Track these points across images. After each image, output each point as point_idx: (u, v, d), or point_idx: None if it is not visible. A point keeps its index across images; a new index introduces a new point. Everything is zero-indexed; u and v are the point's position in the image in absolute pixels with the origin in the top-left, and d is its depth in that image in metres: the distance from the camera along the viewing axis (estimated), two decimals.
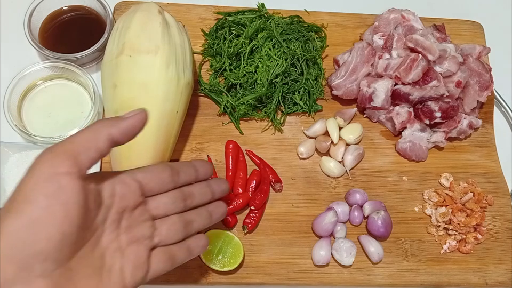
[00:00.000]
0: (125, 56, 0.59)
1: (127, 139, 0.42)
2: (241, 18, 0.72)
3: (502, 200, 0.70)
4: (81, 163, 0.38)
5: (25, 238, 0.35)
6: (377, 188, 0.69)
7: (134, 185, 0.44)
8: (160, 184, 0.46)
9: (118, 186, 0.43)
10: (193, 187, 0.50)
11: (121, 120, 0.41)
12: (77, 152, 0.38)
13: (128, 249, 0.44)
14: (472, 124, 0.71)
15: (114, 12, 0.73)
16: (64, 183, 0.36)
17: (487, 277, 0.66)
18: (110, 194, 0.42)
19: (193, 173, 0.50)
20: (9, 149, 0.64)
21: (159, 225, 0.47)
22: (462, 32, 0.80)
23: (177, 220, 0.48)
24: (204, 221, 0.51)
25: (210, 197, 0.52)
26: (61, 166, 0.37)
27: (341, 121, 0.70)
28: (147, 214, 0.46)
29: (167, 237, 0.47)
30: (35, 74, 0.67)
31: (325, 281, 0.64)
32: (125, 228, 0.44)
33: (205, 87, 0.71)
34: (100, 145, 0.39)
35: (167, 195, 0.47)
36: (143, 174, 0.45)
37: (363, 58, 0.72)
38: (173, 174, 0.47)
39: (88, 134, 0.40)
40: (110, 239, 0.42)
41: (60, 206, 0.36)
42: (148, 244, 0.45)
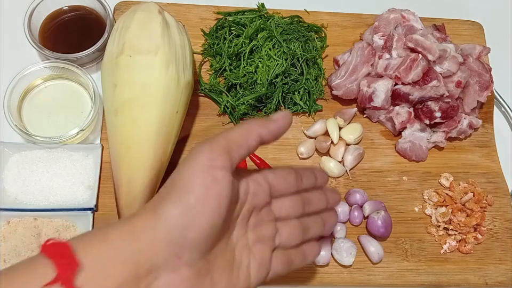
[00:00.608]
0: (125, 56, 0.59)
1: (273, 139, 0.43)
2: (241, 18, 0.72)
3: (502, 200, 0.70)
4: (233, 159, 0.39)
5: (181, 225, 0.36)
6: (377, 188, 0.69)
7: (265, 185, 0.45)
8: (286, 187, 0.47)
9: (251, 184, 0.44)
10: (312, 194, 0.50)
11: (270, 122, 0.43)
12: (231, 148, 0.40)
13: (255, 248, 0.44)
14: (472, 124, 0.71)
15: (114, 12, 0.73)
16: (219, 176, 0.38)
17: (487, 277, 0.66)
18: (245, 191, 0.43)
19: (313, 179, 0.50)
20: (9, 149, 0.64)
21: (281, 227, 0.47)
22: (462, 32, 0.80)
23: (297, 224, 0.48)
24: (318, 228, 0.51)
25: (325, 205, 0.51)
26: (217, 159, 0.38)
27: (341, 121, 0.70)
28: (272, 214, 0.46)
29: (287, 240, 0.47)
30: (35, 74, 0.67)
31: (325, 281, 0.64)
32: (253, 226, 0.45)
33: (205, 87, 0.71)
34: (250, 143, 0.41)
35: (289, 198, 0.48)
36: (273, 175, 0.46)
37: (363, 58, 0.72)
38: (297, 178, 0.48)
39: (241, 132, 0.41)
40: (239, 235, 0.43)
41: (214, 197, 0.37)
42: (271, 244, 0.46)
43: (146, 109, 0.59)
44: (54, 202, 0.63)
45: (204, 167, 0.38)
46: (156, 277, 0.36)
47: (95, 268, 0.34)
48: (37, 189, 0.63)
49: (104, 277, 0.34)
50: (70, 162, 0.64)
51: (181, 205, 0.37)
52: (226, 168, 0.39)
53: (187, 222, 0.36)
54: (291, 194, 0.48)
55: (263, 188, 0.45)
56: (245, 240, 0.44)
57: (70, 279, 0.32)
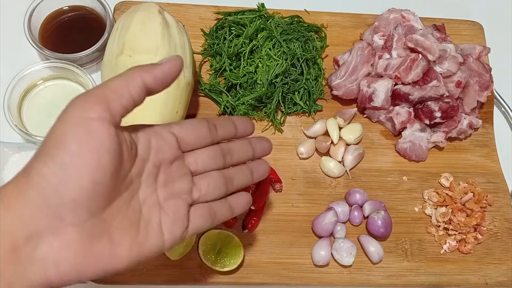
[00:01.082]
0: (125, 56, 0.59)
1: (161, 87, 0.40)
2: (241, 18, 0.72)
3: (502, 200, 0.70)
4: (113, 109, 0.36)
5: (55, 184, 0.33)
6: (377, 188, 0.69)
7: (171, 138, 0.43)
8: (197, 138, 0.45)
9: (153, 139, 0.41)
10: (233, 143, 0.48)
11: (155, 67, 0.40)
12: (109, 98, 0.36)
13: (166, 204, 0.42)
14: (472, 124, 0.71)
15: (114, 12, 0.73)
16: (95, 128, 0.35)
17: (487, 277, 0.66)
18: (145, 147, 0.41)
19: (232, 128, 0.48)
20: (9, 149, 0.64)
21: (198, 181, 0.45)
22: (462, 32, 0.80)
23: (217, 175, 0.46)
24: (245, 178, 0.49)
25: (251, 155, 0.49)
26: (92, 110, 0.35)
27: (341, 121, 0.70)
28: (185, 168, 0.44)
29: (207, 193, 0.45)
30: (35, 74, 0.67)
31: (325, 281, 0.64)
32: (163, 182, 0.42)
33: (205, 87, 0.71)
34: (133, 92, 0.38)
35: (205, 150, 0.45)
36: (179, 127, 0.44)
37: (363, 58, 0.72)
38: (210, 129, 0.45)
39: (121, 80, 0.38)
40: (147, 193, 0.41)
41: (91, 152, 0.34)
42: (186, 198, 0.43)
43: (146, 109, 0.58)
44: None
45: (77, 120, 0.35)
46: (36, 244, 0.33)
47: None
48: None
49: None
50: None
51: (53, 163, 0.34)
52: (104, 119, 0.35)
53: (62, 181, 0.33)
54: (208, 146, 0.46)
55: (168, 141, 0.42)
56: (154, 198, 0.41)
57: None
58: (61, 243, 0.34)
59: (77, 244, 0.35)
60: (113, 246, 0.37)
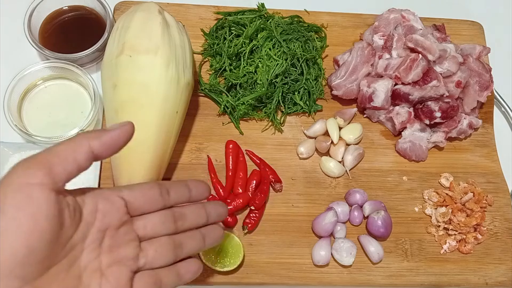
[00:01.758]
0: (125, 56, 0.59)
1: (109, 153, 0.39)
2: (241, 18, 0.72)
3: (502, 200, 0.70)
4: (56, 175, 0.36)
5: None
6: (377, 188, 0.69)
7: (119, 202, 0.41)
8: (148, 203, 0.43)
9: (100, 203, 0.40)
10: (186, 208, 0.47)
11: (104, 133, 0.39)
12: (52, 163, 0.36)
13: (109, 270, 0.40)
14: (472, 124, 0.71)
15: (114, 12, 0.73)
16: (34, 194, 0.34)
17: (487, 277, 0.66)
18: (91, 211, 0.39)
19: (186, 192, 0.47)
20: (9, 149, 0.64)
21: (146, 247, 0.43)
22: (462, 32, 0.80)
23: (166, 241, 0.44)
24: (196, 244, 0.47)
25: (205, 220, 0.48)
26: (33, 176, 0.35)
27: (341, 121, 0.70)
28: (133, 233, 0.43)
29: (154, 259, 0.43)
30: (35, 74, 0.67)
31: (325, 281, 0.64)
32: (107, 248, 0.41)
33: (205, 87, 0.71)
34: (79, 157, 0.37)
35: (155, 215, 0.44)
36: (129, 191, 0.43)
37: (363, 58, 0.72)
38: (162, 193, 0.44)
39: (67, 145, 0.37)
40: (89, 259, 0.39)
41: (27, 217, 0.33)
42: (131, 265, 0.42)
43: (146, 109, 0.59)
44: None
45: (17, 185, 0.34)
46: None
47: None
48: None
49: None
50: None
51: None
52: (46, 185, 0.35)
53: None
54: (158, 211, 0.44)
55: (116, 205, 0.41)
56: (96, 264, 0.40)
57: None
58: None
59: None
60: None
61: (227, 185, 0.66)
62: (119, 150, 0.40)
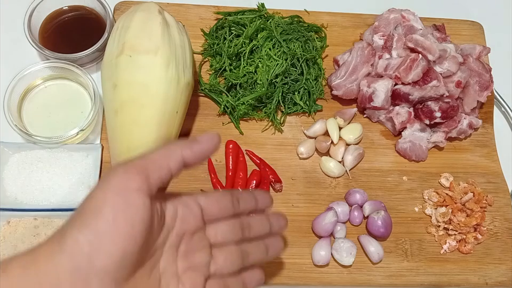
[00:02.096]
0: (125, 56, 0.59)
1: (198, 162, 0.41)
2: (241, 18, 0.72)
3: (502, 200, 0.70)
4: (151, 181, 0.37)
5: (88, 252, 0.34)
6: (377, 188, 0.69)
7: (196, 209, 0.43)
8: (220, 210, 0.45)
9: (180, 209, 0.42)
10: (252, 218, 0.48)
11: (195, 143, 0.41)
12: (149, 170, 0.37)
13: (185, 276, 0.42)
14: (472, 124, 0.71)
15: (114, 12, 0.73)
16: (133, 199, 0.36)
17: (487, 277, 0.66)
18: (172, 216, 0.41)
19: (253, 202, 0.49)
20: (9, 149, 0.64)
21: (216, 254, 0.45)
22: (462, 32, 0.80)
23: (234, 250, 0.46)
24: (260, 254, 0.48)
25: (268, 230, 0.50)
26: (132, 181, 0.36)
27: (341, 121, 0.70)
28: (205, 240, 0.44)
29: (224, 267, 0.45)
30: (35, 74, 0.67)
31: (325, 281, 0.64)
32: (183, 253, 0.42)
33: (205, 87, 0.71)
34: (172, 165, 0.39)
35: (226, 223, 0.46)
36: (205, 198, 0.44)
37: (363, 58, 0.72)
38: (233, 201, 0.46)
39: (162, 153, 0.39)
40: (167, 263, 0.41)
41: (125, 221, 0.35)
42: (204, 272, 0.43)
43: (146, 109, 0.59)
44: (54, 202, 0.62)
45: (116, 189, 0.36)
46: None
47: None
48: (37, 189, 0.63)
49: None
50: (70, 162, 0.64)
51: (88, 231, 0.34)
52: (143, 191, 0.36)
53: (94, 249, 0.34)
54: (228, 219, 0.46)
55: (193, 212, 0.43)
56: (174, 268, 0.41)
57: None
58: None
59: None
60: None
61: (227, 185, 0.66)
62: (206, 159, 0.42)
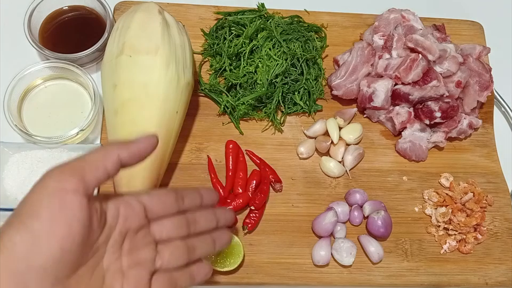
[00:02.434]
0: (125, 56, 0.59)
1: (135, 162, 0.42)
2: (241, 18, 0.72)
3: (502, 200, 0.70)
4: (87, 182, 0.38)
5: (25, 252, 0.34)
6: (377, 188, 0.69)
7: (139, 207, 0.44)
8: (164, 208, 0.46)
9: (122, 207, 0.43)
10: (198, 213, 0.49)
11: (131, 144, 0.42)
12: (84, 171, 0.38)
13: (130, 272, 0.43)
14: (472, 124, 0.71)
15: (114, 12, 0.73)
16: (68, 199, 0.36)
17: (487, 277, 0.66)
18: (114, 215, 0.42)
19: (198, 199, 0.50)
20: (9, 149, 0.64)
21: (162, 249, 0.46)
22: (462, 32, 0.80)
23: (180, 244, 0.47)
24: (207, 247, 0.50)
25: (215, 225, 0.51)
26: (67, 182, 0.37)
27: (341, 121, 0.70)
28: (150, 237, 0.45)
29: (170, 262, 0.46)
30: (35, 74, 0.67)
31: (325, 281, 0.64)
32: (127, 250, 0.43)
33: (205, 87, 0.71)
34: (108, 166, 0.40)
35: (170, 219, 0.47)
36: (148, 197, 0.45)
37: (363, 58, 0.72)
38: (177, 199, 0.47)
39: (97, 154, 0.40)
40: (111, 261, 0.42)
41: (62, 222, 0.36)
42: (149, 267, 0.44)
43: (146, 109, 0.59)
44: None
45: (52, 190, 0.36)
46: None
47: None
48: None
49: None
50: None
51: (24, 231, 0.35)
52: (78, 192, 0.37)
53: (32, 249, 0.34)
54: (173, 216, 0.47)
55: (136, 210, 0.43)
56: (118, 265, 0.42)
57: None
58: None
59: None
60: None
61: (227, 185, 0.66)
62: (143, 159, 0.43)
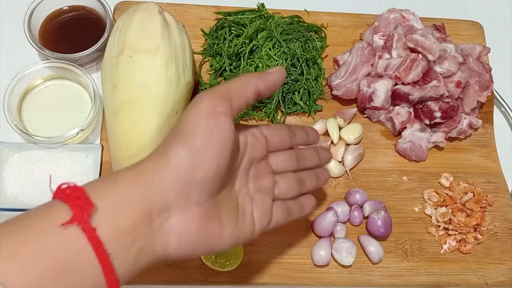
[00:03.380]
0: (125, 56, 0.59)
1: (269, 92, 0.46)
2: (241, 18, 0.72)
3: (502, 200, 0.70)
4: (233, 107, 0.42)
5: (188, 165, 0.38)
6: (377, 188, 0.69)
7: (262, 139, 0.48)
8: (280, 141, 0.50)
9: (249, 137, 0.47)
10: (305, 150, 0.54)
11: (266, 75, 0.46)
12: (231, 97, 0.42)
13: (256, 197, 0.47)
14: (472, 124, 0.71)
15: (114, 12, 0.73)
16: (221, 120, 0.40)
17: (487, 277, 0.66)
18: (244, 143, 0.46)
19: (306, 137, 0.54)
20: (9, 149, 0.64)
21: (279, 180, 0.50)
22: (462, 32, 0.80)
23: (293, 177, 0.51)
24: (313, 182, 0.54)
25: (318, 162, 0.55)
26: (219, 105, 0.40)
27: (341, 121, 0.70)
28: (269, 167, 0.49)
29: (285, 191, 0.50)
30: (35, 74, 0.67)
31: (325, 281, 0.64)
32: (253, 177, 0.47)
33: (205, 87, 0.71)
34: (248, 94, 0.44)
35: (284, 153, 0.51)
36: (268, 130, 0.49)
37: (363, 58, 0.72)
38: (290, 134, 0.51)
39: (240, 83, 0.44)
40: (241, 185, 0.46)
41: (218, 140, 0.39)
42: (271, 194, 0.48)
43: (146, 109, 0.59)
44: None
45: (207, 113, 0.40)
46: (167, 216, 0.38)
47: (108, 208, 0.35)
48: (37, 189, 0.63)
49: (118, 217, 0.35)
50: (70, 162, 0.64)
51: (187, 147, 0.38)
52: (227, 114, 0.41)
53: (194, 162, 0.38)
54: (286, 149, 0.51)
55: (260, 141, 0.48)
56: (246, 189, 0.46)
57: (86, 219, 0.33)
58: (186, 219, 0.38)
59: (198, 222, 0.39)
60: (222, 228, 0.42)
61: None
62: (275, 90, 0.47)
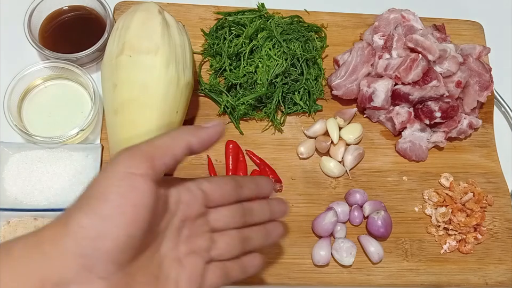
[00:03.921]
0: (125, 56, 0.59)
1: (204, 149, 0.42)
2: (241, 18, 0.72)
3: (502, 200, 0.70)
4: (156, 167, 0.37)
5: (93, 236, 0.34)
6: (377, 188, 0.69)
7: (199, 194, 0.43)
8: (223, 196, 0.45)
9: (184, 194, 0.42)
10: (254, 204, 0.49)
11: (200, 130, 0.42)
12: (154, 156, 0.38)
13: (186, 260, 0.42)
14: (472, 124, 0.71)
15: (114, 12, 0.73)
16: (137, 184, 0.36)
17: (487, 277, 0.66)
18: (176, 201, 0.41)
19: (255, 188, 0.49)
20: (9, 149, 0.64)
21: (218, 239, 0.45)
22: (462, 32, 0.80)
23: (235, 235, 0.46)
24: (260, 239, 0.49)
25: (269, 216, 0.50)
26: (137, 167, 0.36)
27: (341, 121, 0.70)
28: (207, 225, 0.45)
29: (225, 252, 0.45)
30: (35, 74, 0.67)
31: (325, 281, 0.64)
32: (185, 238, 0.43)
33: (205, 87, 0.71)
34: (177, 152, 0.39)
35: (228, 208, 0.46)
36: (209, 184, 0.45)
37: (363, 58, 0.72)
38: (236, 187, 0.46)
39: (167, 139, 0.40)
40: (169, 247, 0.41)
41: (131, 206, 0.35)
42: (205, 256, 0.44)
43: (146, 109, 0.59)
44: (54, 202, 0.62)
45: (122, 175, 0.36)
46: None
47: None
48: (37, 189, 0.63)
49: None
50: (70, 162, 0.64)
51: (93, 215, 0.34)
52: (148, 176, 0.36)
53: (100, 233, 0.34)
54: (230, 204, 0.46)
55: (197, 197, 0.43)
56: (175, 253, 0.42)
57: None
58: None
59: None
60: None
61: None
62: (211, 146, 0.42)
